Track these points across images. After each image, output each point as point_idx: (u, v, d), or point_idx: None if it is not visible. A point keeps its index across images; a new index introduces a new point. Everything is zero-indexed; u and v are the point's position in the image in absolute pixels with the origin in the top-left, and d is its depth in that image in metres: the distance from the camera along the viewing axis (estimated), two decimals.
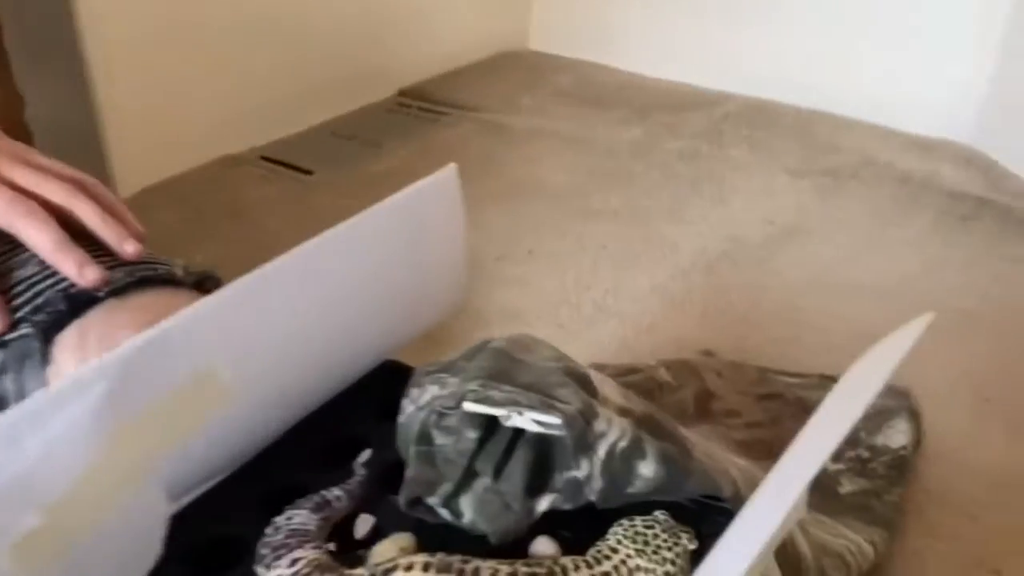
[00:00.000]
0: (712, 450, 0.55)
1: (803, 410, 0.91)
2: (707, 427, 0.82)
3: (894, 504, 0.74)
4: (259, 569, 0.42)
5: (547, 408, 0.45)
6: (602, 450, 0.46)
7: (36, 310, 0.51)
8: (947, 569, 0.70)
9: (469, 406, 0.45)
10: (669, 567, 0.42)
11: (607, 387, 0.51)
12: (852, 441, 0.82)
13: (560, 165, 1.40)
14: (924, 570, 0.70)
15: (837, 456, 0.80)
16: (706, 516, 0.49)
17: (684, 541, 0.44)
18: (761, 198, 1.32)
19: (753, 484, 0.47)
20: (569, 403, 0.46)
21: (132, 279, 0.52)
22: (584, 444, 0.46)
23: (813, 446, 0.44)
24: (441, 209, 0.56)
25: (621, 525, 0.43)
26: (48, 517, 0.36)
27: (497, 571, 0.39)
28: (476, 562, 0.40)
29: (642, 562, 0.42)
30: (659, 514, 0.45)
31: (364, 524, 0.46)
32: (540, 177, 1.36)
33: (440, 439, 0.46)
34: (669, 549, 0.43)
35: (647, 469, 0.46)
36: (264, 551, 0.42)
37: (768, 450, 0.87)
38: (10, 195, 0.53)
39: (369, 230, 0.50)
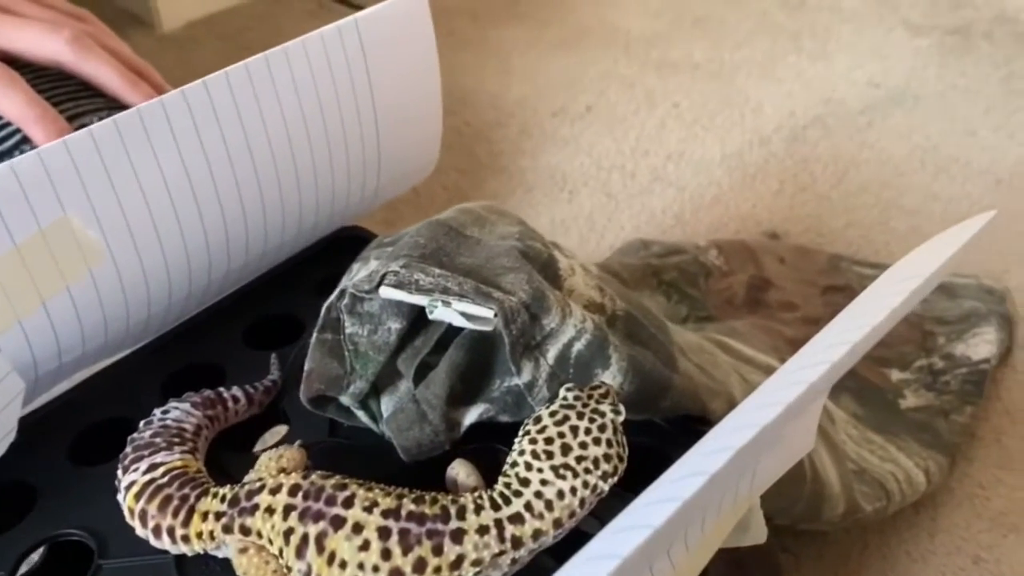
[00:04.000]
0: (715, 361, 0.45)
1: None
2: (754, 320, 0.71)
3: (963, 426, 0.62)
4: (118, 470, 0.35)
5: (481, 297, 0.35)
6: (552, 353, 0.37)
7: None
8: (1017, 510, 0.59)
9: (386, 291, 0.36)
10: (605, 466, 0.32)
11: (579, 276, 0.41)
12: (927, 348, 0.70)
13: (639, 9, 1.25)
14: (988, 508, 0.59)
15: (905, 364, 0.68)
16: (685, 441, 0.40)
17: (609, 416, 0.33)
18: (870, 57, 1.14)
19: None
20: (512, 292, 0.36)
21: None
22: (527, 344, 0.36)
23: (819, 357, 0.34)
24: (406, 40, 0.45)
25: (528, 434, 0.33)
26: None
27: (376, 504, 0.31)
28: (353, 488, 0.32)
29: (564, 484, 0.32)
30: (567, 394, 0.34)
31: (271, 438, 0.39)
32: (613, 22, 1.21)
33: (352, 327, 0.38)
34: (597, 442, 0.32)
35: (610, 380, 0.37)
36: (127, 449, 0.35)
37: None
38: None
39: (299, 60, 0.41)
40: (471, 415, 0.37)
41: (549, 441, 0.32)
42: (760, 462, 0.35)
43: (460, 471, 0.35)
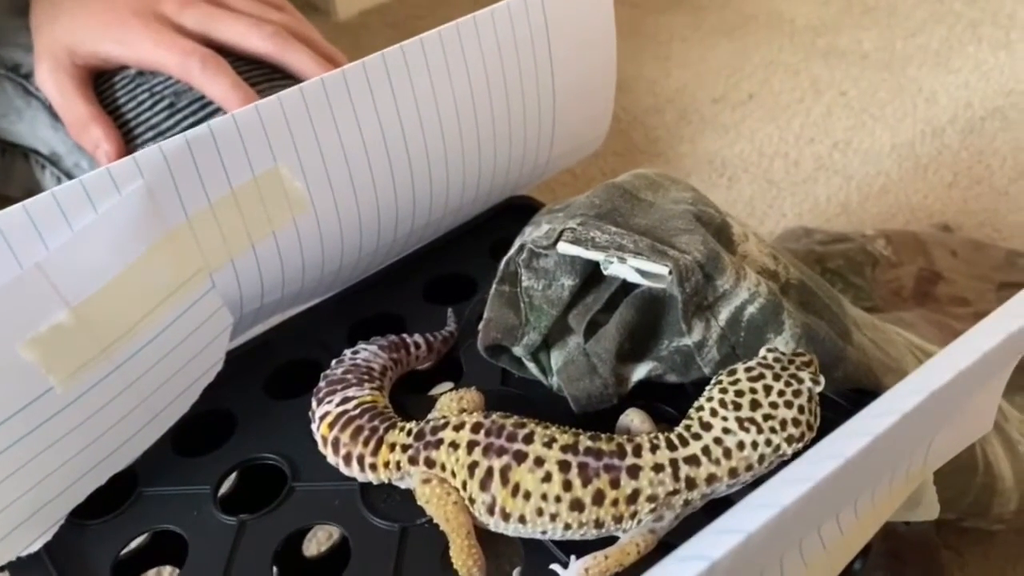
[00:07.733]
0: (889, 339, 0.44)
1: None
2: (922, 313, 0.68)
3: None
4: (312, 402, 0.38)
5: (657, 255, 0.36)
6: (724, 314, 0.37)
7: None
8: None
9: (564, 247, 0.38)
10: (791, 429, 0.32)
11: (752, 242, 0.41)
12: None
13: None
14: None
15: None
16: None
17: (807, 384, 0.33)
18: None
19: None
20: (687, 252, 0.37)
21: None
22: (700, 303, 0.37)
23: (999, 325, 0.32)
24: (586, 13, 0.47)
25: (720, 383, 0.34)
26: (76, 316, 0.34)
27: (554, 440, 0.33)
28: (532, 426, 0.33)
29: (745, 436, 0.32)
30: (767, 354, 0.35)
31: (439, 390, 0.41)
32: (777, 10, 1.18)
33: (528, 281, 0.39)
34: (788, 405, 0.33)
35: (782, 346, 0.37)
36: (321, 384, 0.38)
37: None
38: (186, 47, 0.51)
39: (486, 30, 0.43)
40: (639, 372, 0.38)
41: (739, 394, 0.33)
42: (935, 436, 0.35)
43: (635, 418, 0.36)
